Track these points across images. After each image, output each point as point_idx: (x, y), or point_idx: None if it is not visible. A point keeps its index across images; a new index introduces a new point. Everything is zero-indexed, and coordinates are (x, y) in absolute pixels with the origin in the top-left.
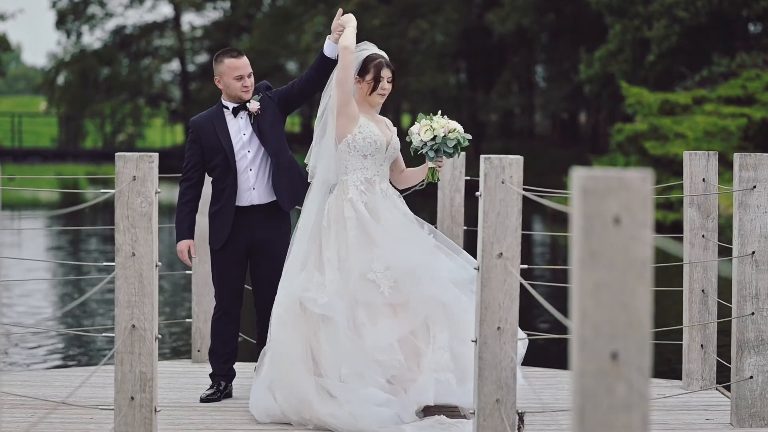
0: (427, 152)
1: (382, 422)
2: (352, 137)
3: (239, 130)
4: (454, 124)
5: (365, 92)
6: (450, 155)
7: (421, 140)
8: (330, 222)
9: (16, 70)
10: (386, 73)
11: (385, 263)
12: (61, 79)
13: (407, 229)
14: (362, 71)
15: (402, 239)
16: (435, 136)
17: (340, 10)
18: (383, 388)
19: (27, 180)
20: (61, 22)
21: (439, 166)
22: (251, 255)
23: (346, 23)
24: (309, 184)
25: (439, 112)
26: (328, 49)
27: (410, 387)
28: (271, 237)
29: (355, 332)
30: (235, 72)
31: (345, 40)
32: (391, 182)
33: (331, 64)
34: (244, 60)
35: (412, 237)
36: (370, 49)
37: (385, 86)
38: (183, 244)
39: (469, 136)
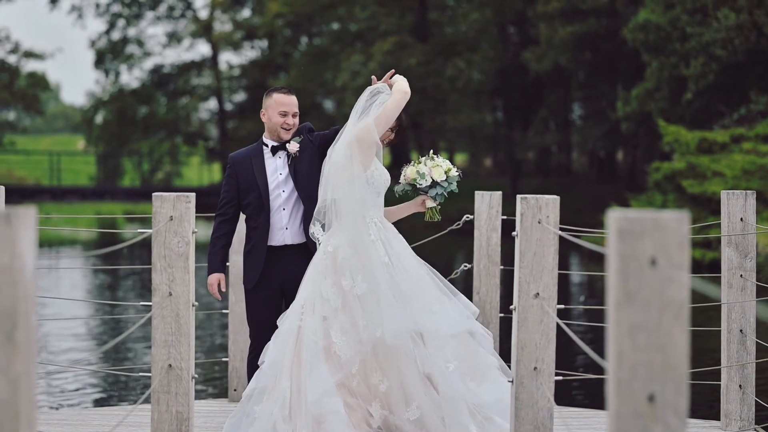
0: (441, 192)
1: None
2: (370, 173)
3: (276, 170)
4: (448, 161)
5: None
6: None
7: (433, 180)
8: (359, 260)
9: (55, 108)
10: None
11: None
12: (99, 118)
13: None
14: None
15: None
16: (448, 176)
17: (392, 71)
18: None
19: (64, 219)
20: (99, 62)
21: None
22: (284, 294)
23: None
24: None
25: (431, 150)
26: None
27: None
28: (303, 276)
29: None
30: (281, 107)
31: (405, 86)
32: None
33: None
34: (292, 98)
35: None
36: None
37: (399, 137)
38: (213, 278)
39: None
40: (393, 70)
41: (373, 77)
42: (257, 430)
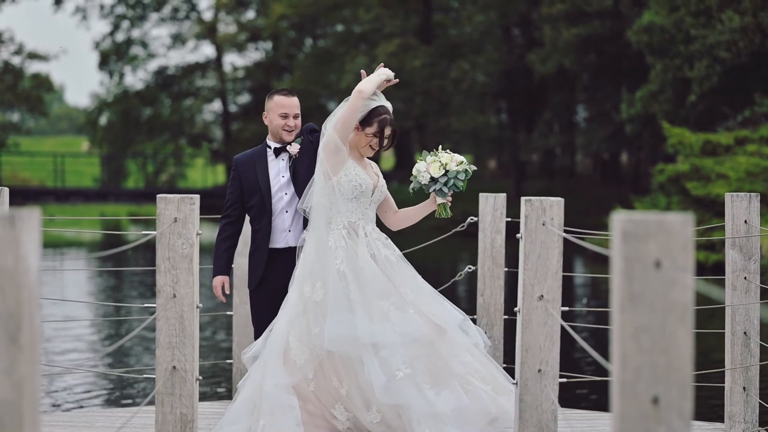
0: (440, 188)
1: None
2: (337, 180)
3: (279, 172)
4: (459, 157)
5: (360, 142)
6: (460, 188)
7: (432, 177)
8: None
9: (59, 110)
10: (387, 131)
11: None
12: (103, 119)
13: (383, 289)
14: (365, 121)
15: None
16: (447, 171)
17: (381, 64)
18: None
19: (68, 220)
20: (103, 63)
21: (450, 201)
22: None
23: (380, 72)
24: None
25: (440, 146)
26: None
27: None
28: None
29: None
30: (281, 109)
31: (362, 84)
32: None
33: None
34: (294, 100)
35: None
36: (379, 100)
37: (382, 143)
38: (218, 280)
39: (474, 167)
40: (382, 64)
41: (362, 72)
42: (231, 417)
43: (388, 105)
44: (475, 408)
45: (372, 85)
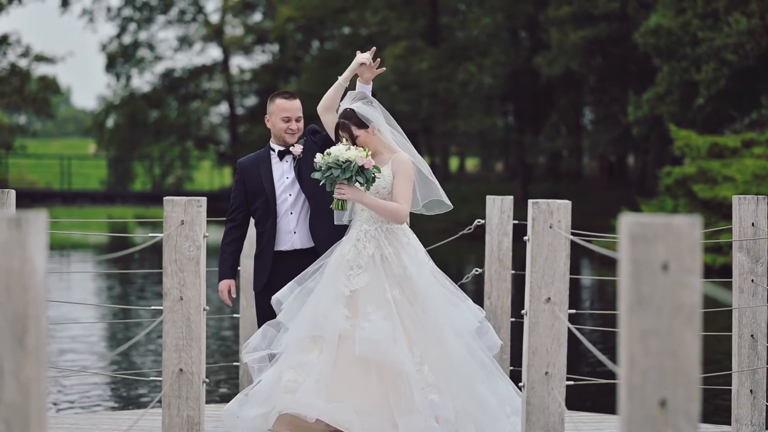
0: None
1: None
2: None
3: (283, 174)
4: (333, 149)
5: None
6: (335, 180)
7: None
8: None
9: (66, 112)
10: (341, 132)
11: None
12: (110, 122)
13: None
14: None
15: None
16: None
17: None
18: None
19: (75, 222)
20: (110, 65)
21: (338, 194)
22: None
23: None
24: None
25: (343, 140)
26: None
27: None
28: None
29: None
30: (283, 113)
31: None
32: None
33: None
34: (295, 103)
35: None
36: (347, 103)
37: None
38: (224, 284)
39: (345, 158)
40: (374, 48)
41: (358, 53)
42: None
43: (359, 105)
44: (265, 390)
45: (327, 98)
